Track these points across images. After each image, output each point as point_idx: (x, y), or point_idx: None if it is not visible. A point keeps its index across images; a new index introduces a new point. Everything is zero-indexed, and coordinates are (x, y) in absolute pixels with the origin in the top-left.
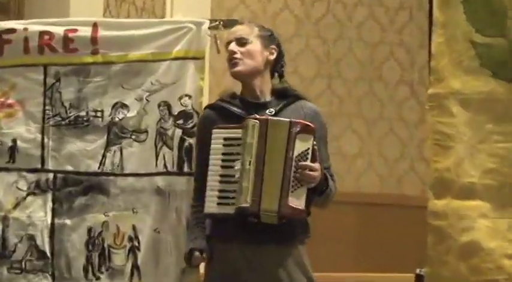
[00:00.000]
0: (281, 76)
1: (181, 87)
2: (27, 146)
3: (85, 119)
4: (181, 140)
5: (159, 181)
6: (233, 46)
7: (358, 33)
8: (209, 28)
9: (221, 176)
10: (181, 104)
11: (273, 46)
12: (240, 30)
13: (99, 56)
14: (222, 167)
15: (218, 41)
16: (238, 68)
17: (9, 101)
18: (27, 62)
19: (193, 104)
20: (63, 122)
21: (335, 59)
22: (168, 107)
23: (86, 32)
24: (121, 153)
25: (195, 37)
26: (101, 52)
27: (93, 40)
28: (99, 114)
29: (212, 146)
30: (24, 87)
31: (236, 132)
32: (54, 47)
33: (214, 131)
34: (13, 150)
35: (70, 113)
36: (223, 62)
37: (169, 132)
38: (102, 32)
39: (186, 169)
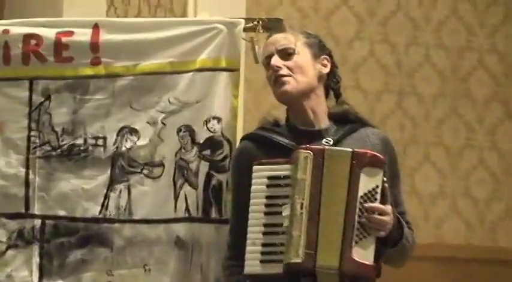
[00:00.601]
0: (338, 95)
1: (209, 108)
2: (7, 183)
3: (82, 148)
4: (208, 176)
5: (180, 230)
6: (276, 60)
7: (437, 37)
8: (245, 30)
9: (265, 225)
10: (208, 129)
11: (325, 56)
12: (281, 39)
13: (100, 67)
14: (266, 213)
15: (257, 47)
16: (287, 88)
17: None
18: (8, 74)
19: (223, 130)
20: (53, 153)
21: (407, 69)
22: (191, 132)
23: (84, 35)
24: (129, 193)
25: (227, 42)
26: (104, 62)
27: (94, 46)
28: (100, 142)
29: (253, 187)
30: (3, 108)
31: (284, 169)
32: (42, 55)
33: (255, 168)
34: None
35: (63, 140)
36: (263, 74)
37: (193, 166)
38: (104, 36)
39: (214, 215)
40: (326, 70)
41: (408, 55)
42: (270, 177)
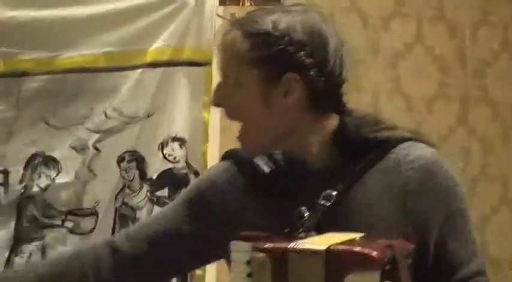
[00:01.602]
0: (338, 110)
1: (166, 124)
2: None
3: None
4: None
5: None
6: (214, 97)
7: None
8: (222, 3)
9: None
10: (164, 156)
11: (289, 74)
12: (221, 52)
13: None
14: None
15: None
16: (243, 147)
17: None
18: None
19: (188, 157)
20: None
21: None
22: (139, 163)
23: None
24: (43, 258)
25: (193, 21)
26: (2, 53)
27: None
28: None
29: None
30: None
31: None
32: None
33: (232, 243)
34: None
35: None
36: None
37: (142, 215)
38: (2, 12)
39: None
40: (293, 97)
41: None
42: (249, 262)
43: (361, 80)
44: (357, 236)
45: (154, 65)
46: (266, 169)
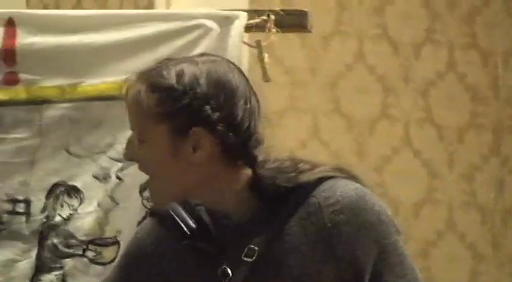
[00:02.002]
0: (252, 161)
1: None
2: None
3: None
4: None
5: None
6: (125, 152)
7: None
8: (248, 29)
9: None
10: None
11: (194, 128)
12: (127, 105)
13: (19, 88)
14: None
15: (266, 56)
16: (153, 200)
17: None
18: None
19: None
20: None
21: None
22: None
23: None
24: None
25: (218, 47)
26: (23, 80)
27: (7, 55)
28: (20, 207)
29: None
30: None
31: None
32: None
33: None
34: None
35: None
36: (275, 96)
37: None
38: (24, 38)
39: None
40: (203, 153)
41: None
42: None
43: (391, 109)
44: None
45: None
46: (192, 224)
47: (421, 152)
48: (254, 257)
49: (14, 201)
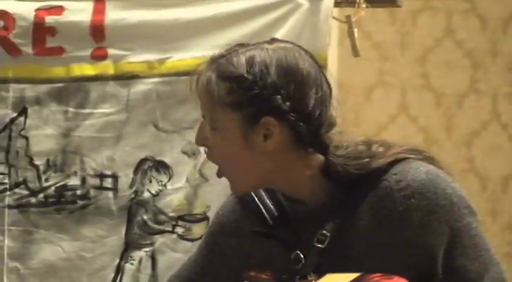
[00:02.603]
0: (324, 149)
1: None
2: None
3: (79, 193)
4: None
5: None
6: (197, 137)
7: None
8: (337, 4)
9: None
10: None
11: (265, 118)
12: (198, 92)
13: (107, 63)
14: None
15: (356, 32)
16: (232, 189)
17: None
18: None
19: None
20: (32, 200)
21: None
22: None
23: (80, 13)
24: (154, 264)
25: (308, 23)
26: (112, 55)
27: (96, 30)
28: (108, 183)
29: None
30: None
31: None
32: (14, 44)
33: None
34: None
35: (47, 180)
36: (366, 74)
37: None
38: (113, 14)
39: None
40: (274, 141)
41: None
42: None
43: (479, 83)
44: (354, 276)
45: None
46: (273, 210)
47: (509, 126)
48: (325, 243)
49: (102, 176)
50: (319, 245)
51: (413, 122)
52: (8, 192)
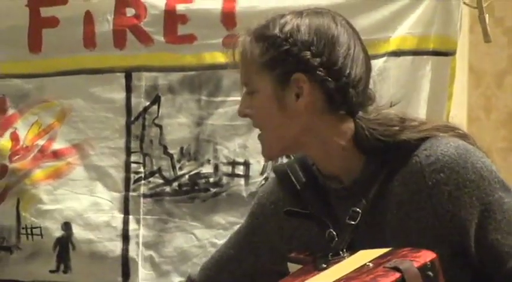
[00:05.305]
0: (354, 110)
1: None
2: (95, 237)
3: (212, 181)
4: None
5: None
6: (240, 108)
7: None
8: None
9: None
10: None
11: (297, 74)
12: (240, 61)
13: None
14: None
15: (487, 17)
16: (263, 153)
17: (55, 145)
18: (92, 64)
19: None
20: (167, 189)
21: None
22: None
23: (210, 0)
24: None
25: (439, 9)
26: None
27: (227, 18)
28: (240, 170)
29: None
30: (86, 117)
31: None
32: (146, 32)
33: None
34: (64, 244)
35: (181, 168)
36: (497, 60)
37: None
38: (244, 1)
39: None
40: (306, 99)
41: None
42: None
43: None
44: (384, 251)
45: (398, 53)
46: (299, 185)
47: None
48: (357, 220)
49: (234, 164)
50: (351, 222)
51: None
52: (143, 181)
